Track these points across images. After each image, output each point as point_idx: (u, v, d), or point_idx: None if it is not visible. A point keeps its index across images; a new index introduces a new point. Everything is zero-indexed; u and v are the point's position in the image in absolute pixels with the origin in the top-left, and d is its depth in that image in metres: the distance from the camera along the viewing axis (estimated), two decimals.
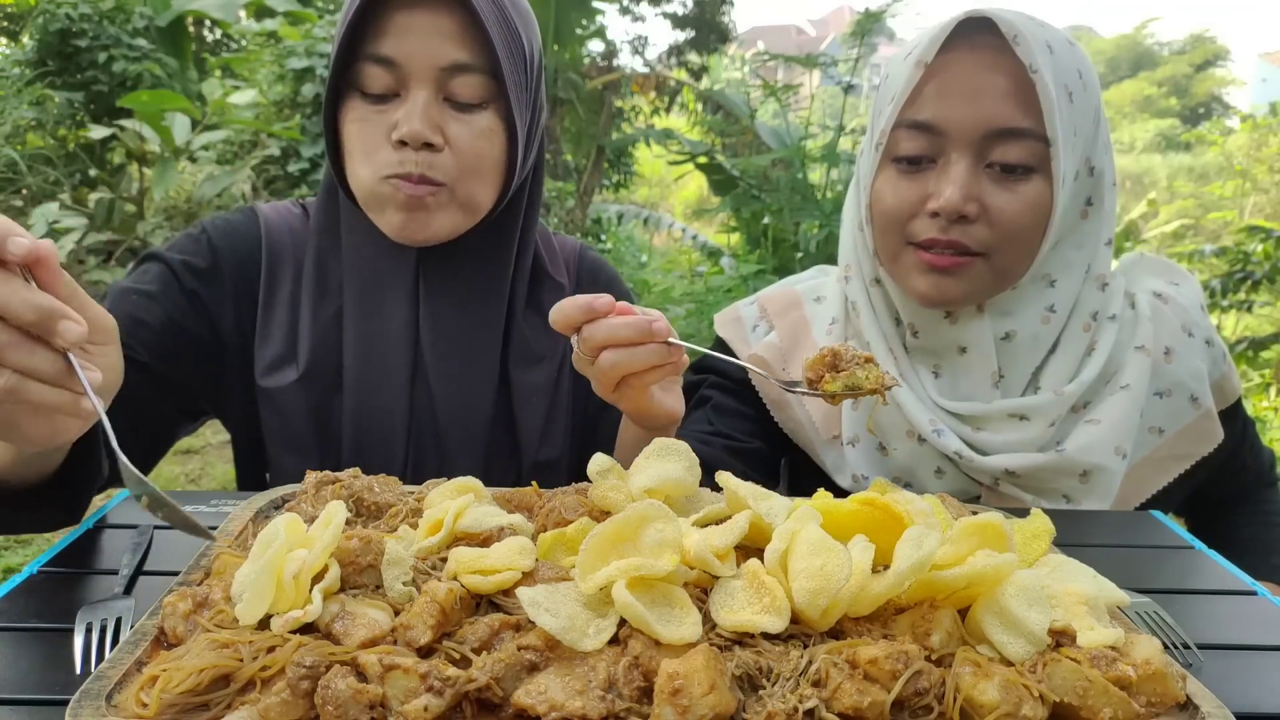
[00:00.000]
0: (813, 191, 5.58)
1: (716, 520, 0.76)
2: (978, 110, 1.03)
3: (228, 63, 8.22)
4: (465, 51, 1.05)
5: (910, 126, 1.07)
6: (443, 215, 1.10)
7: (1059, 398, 1.11)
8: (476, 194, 1.12)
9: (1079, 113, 1.05)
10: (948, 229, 1.05)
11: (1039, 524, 0.80)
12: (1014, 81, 1.02)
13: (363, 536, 0.69)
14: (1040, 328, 1.12)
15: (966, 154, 1.04)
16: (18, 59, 7.50)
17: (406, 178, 1.06)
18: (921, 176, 1.07)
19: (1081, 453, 1.09)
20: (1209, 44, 32.18)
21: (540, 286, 1.26)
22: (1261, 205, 11.44)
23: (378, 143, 1.07)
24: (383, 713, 0.55)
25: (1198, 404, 1.16)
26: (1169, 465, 1.16)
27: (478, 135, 1.08)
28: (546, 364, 1.24)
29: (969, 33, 1.04)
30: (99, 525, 0.92)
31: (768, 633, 0.63)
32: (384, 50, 1.04)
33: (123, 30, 7.43)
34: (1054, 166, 1.03)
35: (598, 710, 0.55)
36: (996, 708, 0.57)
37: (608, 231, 8.45)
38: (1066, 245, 1.12)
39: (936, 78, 1.05)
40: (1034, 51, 1.01)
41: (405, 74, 1.05)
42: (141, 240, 6.02)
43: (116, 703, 0.56)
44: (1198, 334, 1.19)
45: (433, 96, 1.06)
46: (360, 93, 1.07)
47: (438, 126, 1.06)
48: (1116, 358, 1.15)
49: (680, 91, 8.29)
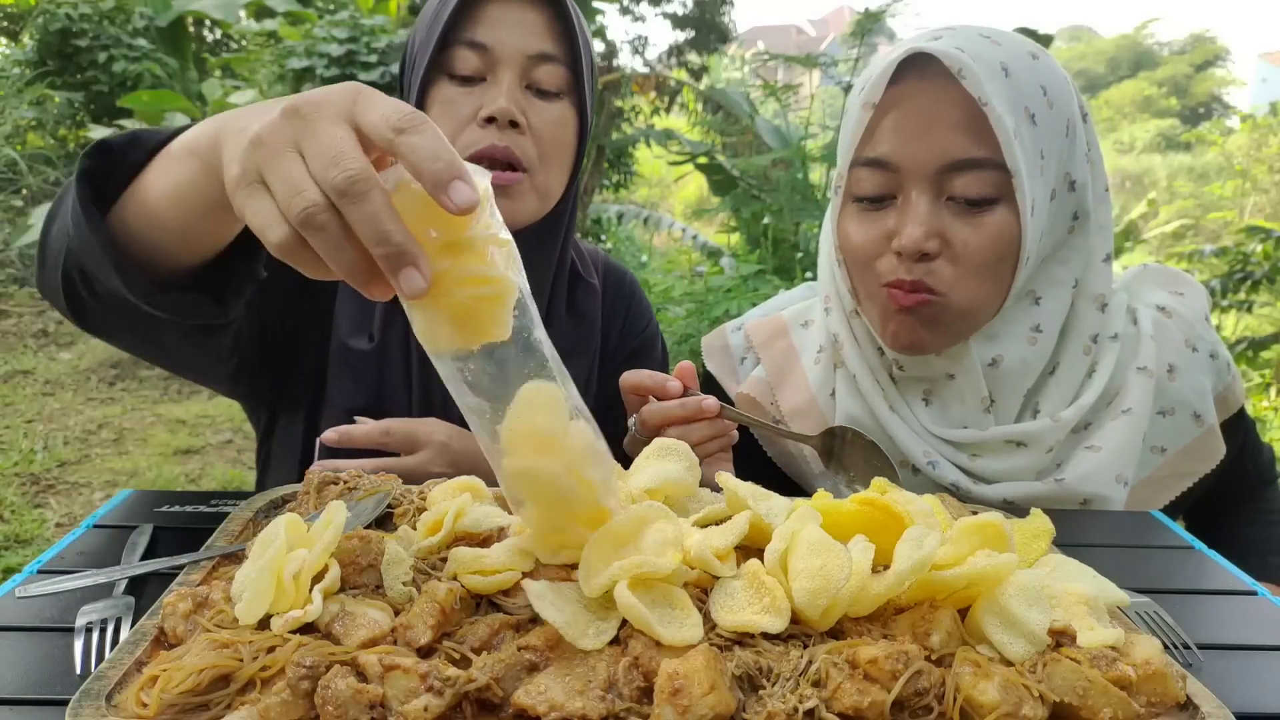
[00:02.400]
0: (813, 191, 5.58)
1: (716, 520, 0.76)
2: (930, 144, 0.99)
3: (228, 63, 8.22)
4: (550, 43, 1.14)
5: (866, 164, 1.04)
6: (521, 202, 1.16)
7: (1056, 424, 1.08)
8: (551, 180, 1.18)
9: (1045, 134, 1.01)
10: (911, 269, 1.02)
11: (1039, 524, 0.80)
12: (966, 112, 0.98)
13: (363, 536, 0.69)
14: (1028, 350, 1.09)
15: (924, 190, 1.01)
16: (18, 59, 7.50)
17: (490, 152, 1.11)
18: (883, 215, 1.05)
19: (1081, 482, 1.08)
20: (1209, 44, 32.19)
21: (576, 290, 1.31)
22: (1261, 205, 11.45)
23: (463, 123, 1.13)
24: (383, 713, 0.55)
25: (1200, 421, 1.14)
26: (1170, 484, 1.15)
27: (555, 122, 1.16)
28: (578, 363, 1.28)
29: (918, 65, 1.01)
30: (99, 525, 0.92)
31: (768, 633, 0.63)
32: (478, 36, 1.12)
33: (123, 30, 7.44)
34: (1019, 198, 0.99)
35: (598, 710, 0.55)
36: (996, 708, 0.57)
37: (608, 231, 8.44)
38: (1052, 262, 1.09)
39: (889, 113, 1.02)
40: (982, 82, 0.97)
41: (495, 59, 1.12)
42: None
43: (116, 703, 0.56)
44: (1202, 348, 1.17)
45: (517, 81, 1.13)
46: (448, 76, 1.14)
47: (522, 109, 1.13)
48: (1118, 379, 1.12)
49: (680, 91, 8.29)
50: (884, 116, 1.02)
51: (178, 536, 0.89)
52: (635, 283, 1.44)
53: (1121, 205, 12.62)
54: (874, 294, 1.08)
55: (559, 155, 1.17)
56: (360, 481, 0.86)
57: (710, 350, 1.35)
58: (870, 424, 1.16)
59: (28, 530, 3.61)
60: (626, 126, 9.06)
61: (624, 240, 8.50)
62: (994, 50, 1.00)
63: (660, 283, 5.24)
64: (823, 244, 1.22)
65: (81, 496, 4.02)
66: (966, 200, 1.00)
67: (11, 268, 6.89)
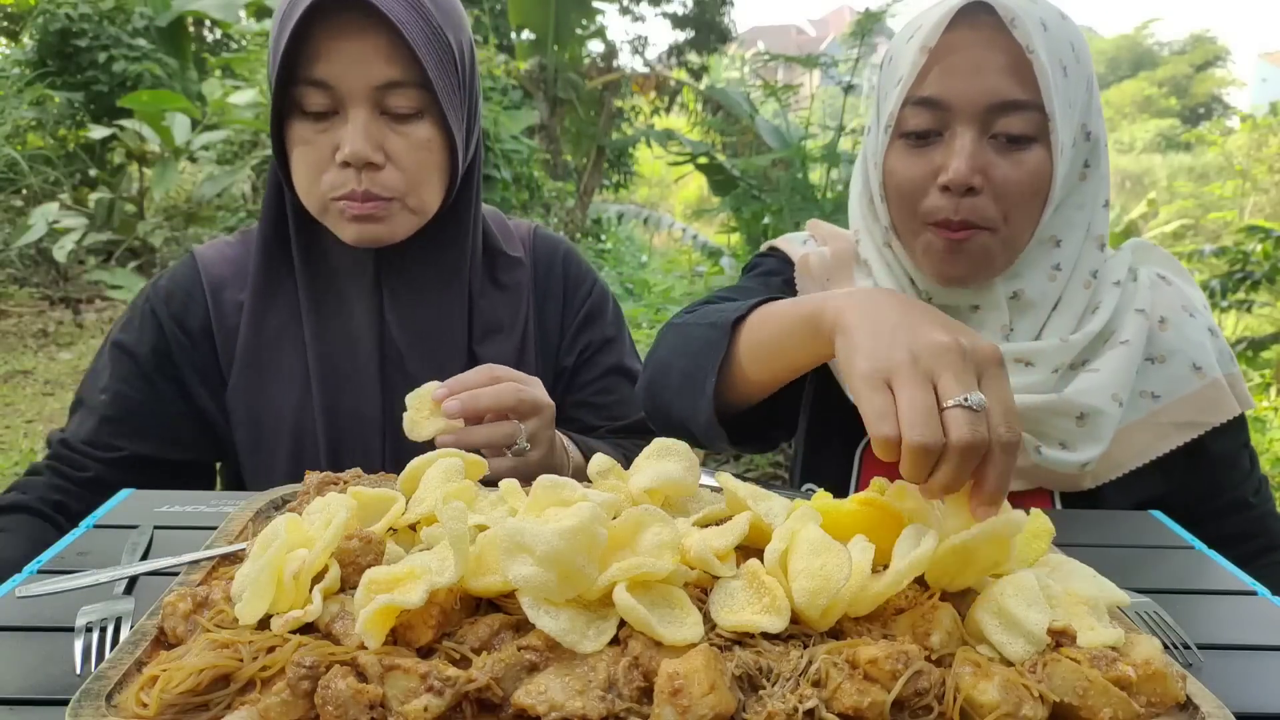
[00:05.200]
0: (813, 191, 5.57)
1: (716, 520, 0.76)
2: (980, 85, 1.08)
3: (228, 63, 8.22)
4: (396, 68, 1.09)
5: (917, 104, 1.12)
6: (395, 221, 1.15)
7: (1063, 344, 1.15)
8: (425, 197, 1.17)
9: (1073, 85, 1.11)
10: (958, 206, 1.10)
11: (1039, 524, 0.80)
12: (1012, 59, 1.08)
13: (363, 536, 0.69)
14: (1048, 285, 1.18)
15: (971, 127, 1.09)
16: (18, 59, 7.51)
17: (351, 196, 1.11)
18: (929, 151, 1.12)
19: (1079, 395, 1.13)
20: (1209, 44, 32.20)
21: (495, 263, 1.31)
22: (1261, 205, 11.45)
23: (322, 163, 1.11)
24: (383, 713, 0.55)
25: (1202, 373, 1.18)
26: (1170, 432, 1.17)
27: (417, 147, 1.13)
28: (507, 335, 1.29)
29: (969, 15, 1.10)
30: (99, 525, 0.92)
31: (768, 633, 0.63)
32: (318, 74, 1.08)
33: (123, 30, 7.44)
34: (1053, 139, 1.09)
35: (598, 710, 0.55)
36: (996, 708, 0.57)
37: (608, 231, 8.45)
38: (1069, 206, 1.17)
39: (939, 58, 1.11)
40: (1030, 32, 1.06)
41: (341, 95, 1.09)
42: (141, 240, 6.02)
43: (116, 703, 0.56)
44: (1199, 319, 1.22)
45: (370, 114, 1.10)
46: (301, 112, 1.11)
47: (378, 145, 1.10)
48: (1117, 318, 1.19)
49: (680, 91, 8.30)
50: (937, 61, 1.11)
51: (178, 536, 0.89)
52: (571, 250, 1.43)
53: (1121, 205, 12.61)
54: (917, 230, 1.15)
55: (427, 174, 1.15)
56: (360, 482, 0.86)
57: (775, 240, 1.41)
58: None
59: None
60: (626, 126, 9.07)
61: (624, 240, 8.51)
62: (1034, 8, 1.11)
63: (660, 283, 5.24)
64: (854, 184, 1.29)
65: None
66: (1009, 137, 1.09)
67: (11, 268, 6.89)
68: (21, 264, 6.89)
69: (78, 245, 5.82)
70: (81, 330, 6.64)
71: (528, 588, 0.61)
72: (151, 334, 1.20)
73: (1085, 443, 1.12)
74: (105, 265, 6.56)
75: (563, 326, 1.37)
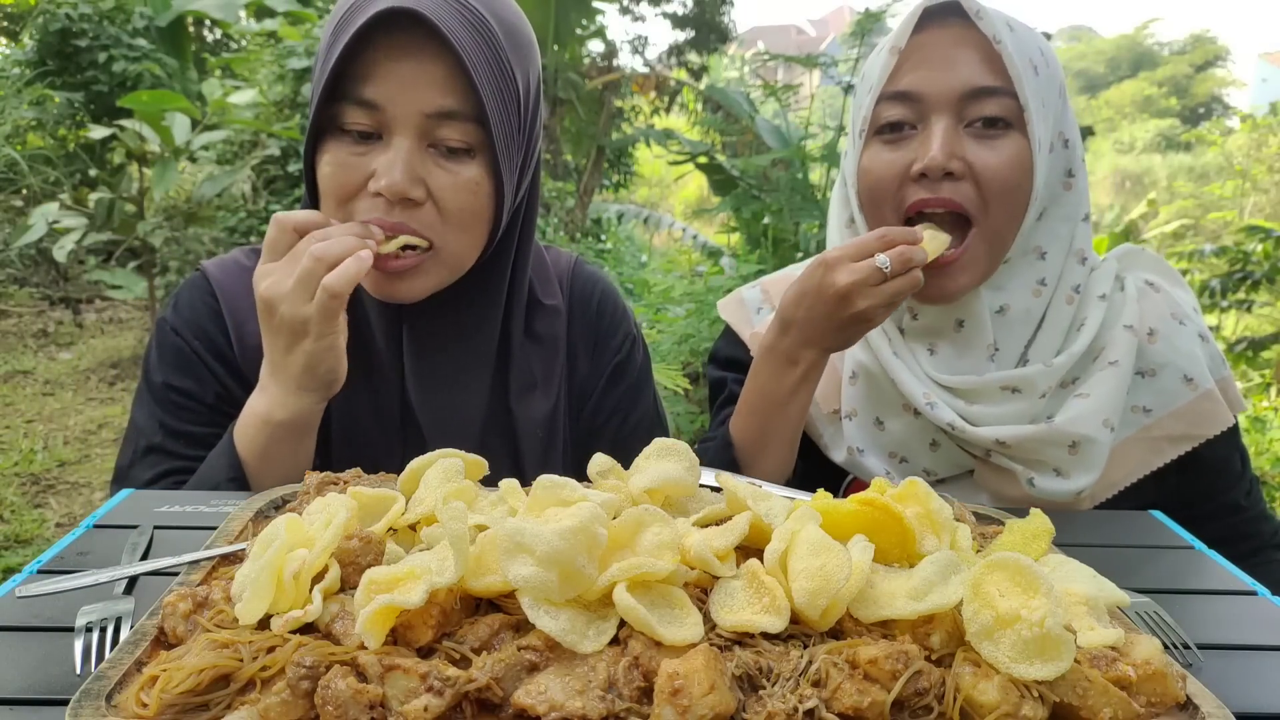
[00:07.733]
0: (813, 191, 5.57)
1: (716, 520, 0.76)
2: (953, 75, 1.10)
3: (228, 63, 8.21)
4: (452, 98, 1.00)
5: (890, 98, 1.13)
6: (424, 279, 1.06)
7: (1049, 369, 1.14)
8: (462, 250, 1.07)
9: (1045, 86, 1.12)
10: (937, 187, 1.10)
11: (1039, 524, 0.80)
12: (982, 53, 1.10)
13: (363, 536, 0.69)
14: (1032, 301, 1.17)
15: (946, 115, 1.10)
16: (18, 59, 7.50)
17: (381, 224, 1.01)
18: (905, 144, 1.13)
19: (1070, 424, 1.12)
20: (1209, 44, 32.20)
21: (533, 314, 1.23)
22: (1261, 205, 11.45)
23: (354, 190, 1.02)
24: (383, 713, 0.55)
25: (1194, 384, 1.16)
26: (1163, 446, 1.16)
27: (462, 187, 1.03)
28: (544, 391, 1.22)
29: (936, 17, 1.13)
30: (99, 525, 0.92)
31: (768, 633, 0.63)
32: (367, 94, 0.99)
33: (123, 30, 7.44)
34: (1029, 128, 1.10)
35: (598, 710, 0.55)
36: (996, 708, 0.57)
37: (608, 231, 8.44)
38: (1053, 218, 1.17)
39: (910, 56, 1.13)
40: (997, 26, 1.09)
41: (388, 118, 1.00)
42: (141, 240, 6.02)
43: (116, 703, 0.56)
44: (1189, 325, 1.20)
45: (416, 144, 1.01)
46: (341, 130, 1.02)
47: (419, 179, 1.01)
48: (1104, 335, 1.18)
49: (680, 91, 8.29)
50: (908, 59, 1.13)
51: (178, 536, 0.89)
52: (608, 292, 1.33)
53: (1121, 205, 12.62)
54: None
55: (469, 223, 1.04)
56: (360, 482, 0.86)
57: (726, 305, 1.42)
58: (876, 369, 1.23)
59: (28, 530, 3.61)
60: (626, 126, 9.06)
61: (624, 240, 8.50)
62: (1000, 13, 1.13)
63: (660, 283, 5.23)
64: (832, 207, 1.30)
65: (81, 496, 4.02)
66: (985, 121, 1.10)
67: (11, 268, 6.89)
68: (21, 264, 6.89)
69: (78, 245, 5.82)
70: (81, 330, 6.65)
71: (528, 588, 0.61)
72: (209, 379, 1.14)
73: (1079, 470, 1.12)
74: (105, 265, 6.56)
75: (592, 380, 1.29)
